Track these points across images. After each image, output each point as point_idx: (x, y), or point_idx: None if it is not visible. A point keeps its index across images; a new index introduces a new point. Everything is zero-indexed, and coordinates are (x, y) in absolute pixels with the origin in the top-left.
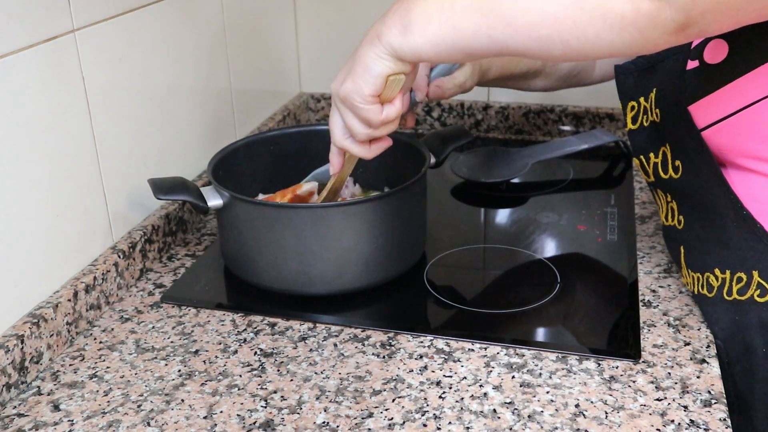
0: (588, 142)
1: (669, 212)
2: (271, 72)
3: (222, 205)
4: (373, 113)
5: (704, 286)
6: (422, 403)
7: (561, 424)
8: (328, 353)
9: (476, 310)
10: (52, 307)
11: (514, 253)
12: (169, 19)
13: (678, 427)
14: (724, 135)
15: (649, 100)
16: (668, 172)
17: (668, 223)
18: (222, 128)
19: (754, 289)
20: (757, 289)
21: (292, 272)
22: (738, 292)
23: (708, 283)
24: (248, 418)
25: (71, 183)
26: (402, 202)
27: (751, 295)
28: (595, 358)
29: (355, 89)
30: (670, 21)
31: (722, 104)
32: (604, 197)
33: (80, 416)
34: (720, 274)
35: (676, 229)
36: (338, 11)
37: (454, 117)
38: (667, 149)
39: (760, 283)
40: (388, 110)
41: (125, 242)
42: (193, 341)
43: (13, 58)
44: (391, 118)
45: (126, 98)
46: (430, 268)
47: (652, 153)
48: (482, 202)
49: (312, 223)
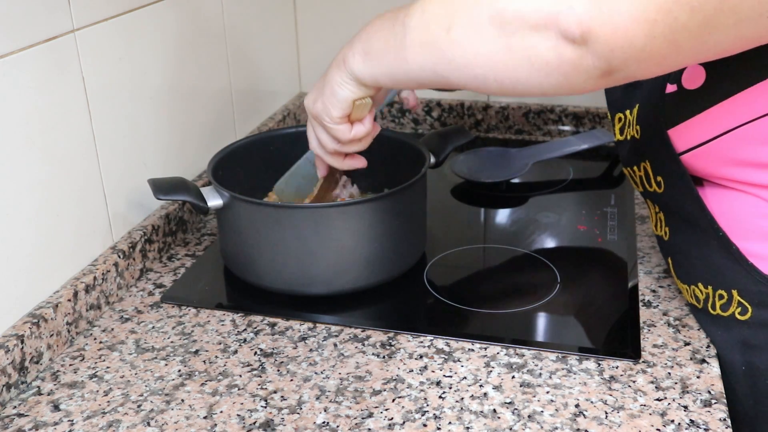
0: (588, 142)
1: (657, 222)
2: (271, 72)
3: (222, 205)
4: (341, 132)
5: (693, 296)
6: (422, 403)
7: (561, 424)
8: (328, 353)
9: (476, 310)
10: (52, 307)
11: (514, 253)
12: (169, 19)
13: (678, 427)
14: (702, 160)
15: (633, 115)
16: (652, 186)
17: (657, 233)
18: (222, 128)
19: (735, 306)
20: (738, 306)
21: (292, 272)
22: (721, 308)
23: (695, 295)
24: (248, 418)
25: (71, 183)
26: (402, 202)
27: (733, 312)
28: (595, 358)
29: (325, 110)
30: (593, 67)
31: (701, 130)
32: (604, 197)
33: (80, 416)
34: (704, 288)
35: (663, 240)
36: (338, 11)
37: (454, 117)
38: (647, 165)
39: (741, 301)
40: (357, 129)
41: (125, 242)
42: (193, 341)
43: (13, 58)
44: (359, 137)
45: (126, 98)
46: (430, 268)
47: (636, 167)
48: (482, 202)
49: (312, 223)
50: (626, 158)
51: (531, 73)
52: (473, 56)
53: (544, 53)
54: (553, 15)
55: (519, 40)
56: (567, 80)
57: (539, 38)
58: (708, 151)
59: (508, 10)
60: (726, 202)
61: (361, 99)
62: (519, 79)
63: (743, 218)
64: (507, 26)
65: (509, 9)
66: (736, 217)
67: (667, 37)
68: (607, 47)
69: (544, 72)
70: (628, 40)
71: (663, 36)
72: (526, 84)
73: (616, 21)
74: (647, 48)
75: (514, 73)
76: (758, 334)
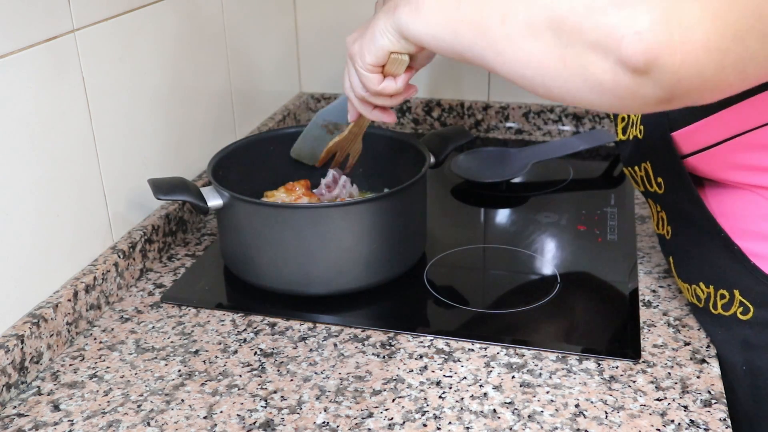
0: (588, 142)
1: (659, 221)
2: (271, 72)
3: (222, 205)
4: (370, 81)
5: (694, 296)
6: (422, 403)
7: (561, 424)
8: (328, 353)
9: (476, 310)
10: (52, 307)
11: (514, 253)
12: (169, 19)
13: (678, 427)
14: (706, 163)
15: (637, 114)
16: (653, 187)
17: (659, 231)
18: (222, 128)
19: (737, 306)
20: (739, 306)
21: (292, 272)
22: (723, 307)
23: (696, 294)
24: (248, 418)
25: (71, 183)
26: (402, 202)
27: (735, 312)
28: (595, 358)
29: (360, 54)
30: (652, 95)
31: (706, 134)
32: (604, 197)
33: (80, 416)
34: (705, 288)
35: (665, 239)
36: (338, 11)
37: (454, 117)
38: (648, 166)
39: (742, 301)
40: (387, 83)
41: (125, 242)
42: (193, 341)
43: (13, 58)
44: (387, 92)
45: (126, 98)
46: (430, 268)
47: (637, 167)
48: (482, 202)
49: (312, 223)
50: (627, 158)
51: (582, 89)
52: (525, 55)
53: (600, 75)
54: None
55: (574, 55)
56: (622, 102)
57: (596, 58)
58: (712, 155)
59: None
60: (727, 202)
61: (399, 54)
62: (569, 91)
63: (745, 218)
64: (564, 36)
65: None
66: (738, 217)
67: (737, 67)
68: (675, 77)
69: (597, 91)
70: (698, 70)
71: (733, 66)
72: (576, 97)
73: (688, 50)
74: (715, 78)
75: (566, 84)
76: (760, 334)
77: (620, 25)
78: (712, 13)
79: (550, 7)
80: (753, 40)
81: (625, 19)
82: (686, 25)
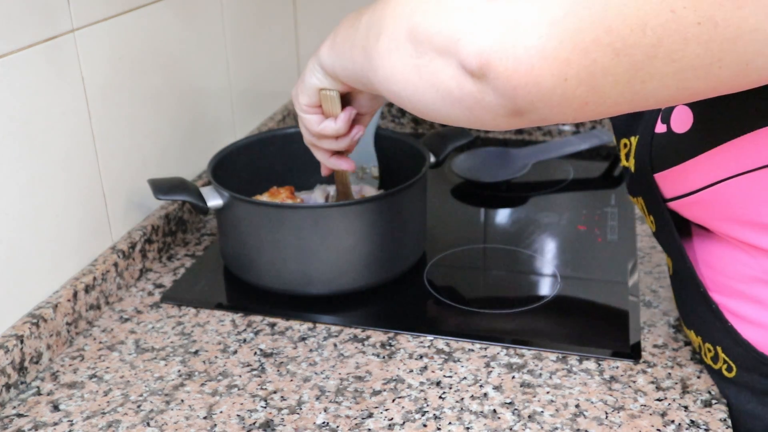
0: (588, 142)
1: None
2: (271, 72)
3: (222, 205)
4: (310, 122)
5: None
6: (422, 404)
7: (561, 425)
8: (328, 353)
9: (476, 310)
10: (52, 307)
11: (514, 253)
12: (169, 19)
13: (678, 427)
14: (689, 209)
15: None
16: (647, 222)
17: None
18: (222, 128)
19: (722, 363)
20: (724, 363)
21: (292, 272)
22: (711, 360)
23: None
24: (248, 418)
25: (71, 183)
26: (402, 202)
27: (720, 368)
28: (595, 358)
29: (296, 96)
30: (496, 105)
31: (688, 179)
32: (604, 197)
33: (80, 416)
34: (695, 337)
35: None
36: (338, 11)
37: None
38: (641, 202)
39: (725, 359)
40: (326, 124)
41: (125, 242)
42: (193, 341)
43: (13, 58)
44: (327, 132)
45: (126, 98)
46: (430, 268)
47: (635, 198)
48: (482, 202)
49: (312, 223)
50: (629, 186)
51: (437, 101)
52: (390, 71)
53: (447, 81)
54: (454, 41)
55: (427, 63)
56: (473, 114)
57: (443, 64)
58: (696, 201)
59: (420, 27)
60: (715, 253)
61: (327, 90)
62: (428, 105)
63: (729, 275)
64: (419, 45)
65: (421, 26)
66: (723, 273)
67: (585, 81)
68: (509, 85)
69: (448, 101)
70: (533, 78)
71: (578, 79)
72: (435, 111)
73: (520, 56)
74: (558, 91)
75: (423, 96)
76: (741, 395)
77: (460, 28)
78: (549, 18)
79: (409, 18)
80: (600, 53)
81: (466, 22)
82: (521, 29)
